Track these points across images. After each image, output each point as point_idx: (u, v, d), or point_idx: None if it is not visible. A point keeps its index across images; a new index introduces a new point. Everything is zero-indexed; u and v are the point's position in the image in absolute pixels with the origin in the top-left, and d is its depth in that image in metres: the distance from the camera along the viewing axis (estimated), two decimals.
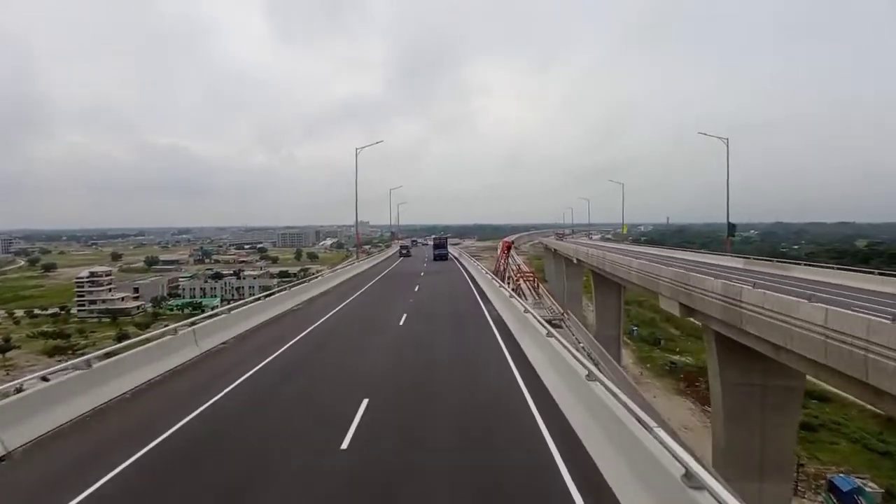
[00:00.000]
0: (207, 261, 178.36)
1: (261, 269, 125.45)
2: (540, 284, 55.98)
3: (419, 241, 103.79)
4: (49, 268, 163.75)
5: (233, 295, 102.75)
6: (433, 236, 71.71)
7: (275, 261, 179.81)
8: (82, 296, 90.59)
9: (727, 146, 33.33)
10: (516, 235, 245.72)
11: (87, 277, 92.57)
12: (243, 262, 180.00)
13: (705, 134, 34.06)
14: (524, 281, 57.16)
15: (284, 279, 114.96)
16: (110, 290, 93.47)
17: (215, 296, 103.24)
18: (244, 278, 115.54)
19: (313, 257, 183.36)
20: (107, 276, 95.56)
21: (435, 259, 51.23)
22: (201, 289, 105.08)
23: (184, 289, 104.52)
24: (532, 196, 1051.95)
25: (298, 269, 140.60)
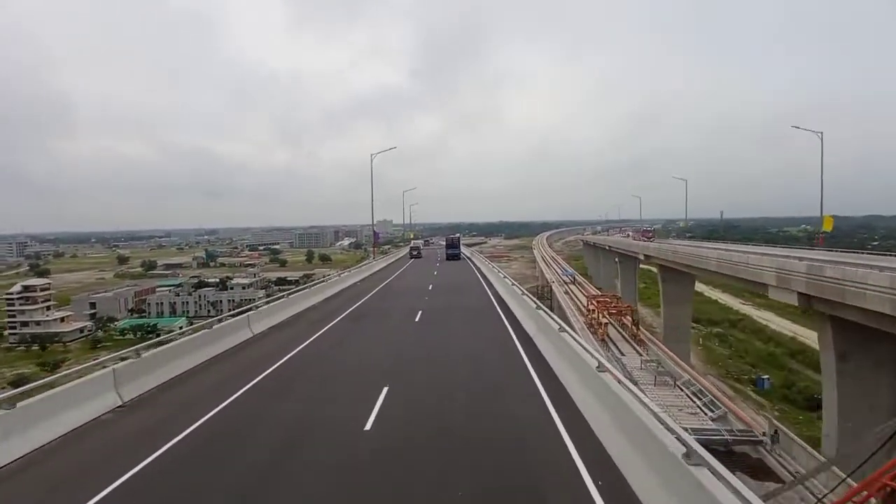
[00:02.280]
0: (212, 264, 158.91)
1: (254, 276, 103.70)
2: (639, 327, 30.52)
3: (432, 241, 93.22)
4: (43, 274, 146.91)
5: (208, 311, 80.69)
6: (447, 236, 62.55)
7: (283, 264, 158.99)
8: (13, 315, 70.48)
9: None
10: (548, 233, 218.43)
11: (19, 293, 72.23)
12: (249, 265, 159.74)
13: None
14: (604, 313, 31.78)
15: (283, 287, 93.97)
16: (48, 308, 72.96)
17: (186, 312, 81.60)
18: (231, 288, 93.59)
19: (325, 259, 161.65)
20: (43, 290, 74.94)
21: (448, 258, 47.36)
22: (171, 303, 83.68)
23: (150, 304, 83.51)
24: (560, 192, 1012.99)
25: (302, 274, 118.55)
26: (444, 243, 63.22)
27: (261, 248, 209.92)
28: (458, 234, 60.09)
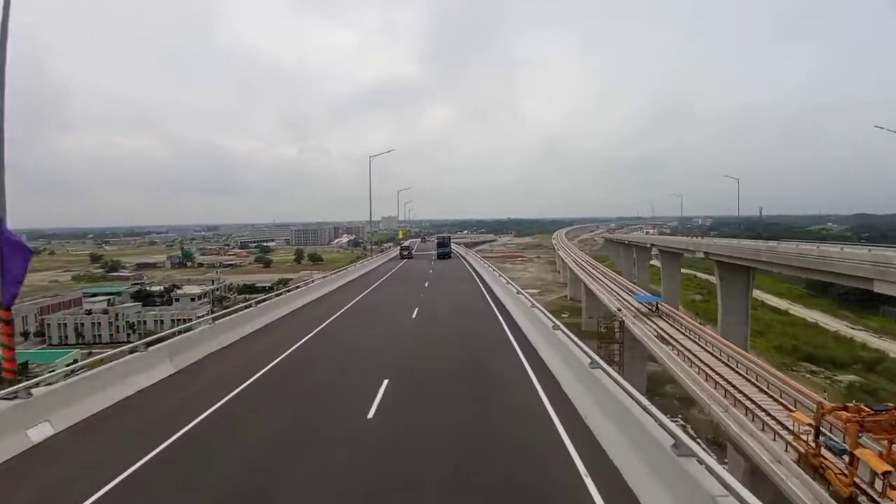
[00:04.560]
0: (189, 264, 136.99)
1: (212, 282, 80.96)
2: None
3: (428, 239, 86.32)
4: None
5: (127, 335, 57.98)
6: (438, 236, 57.24)
7: (267, 265, 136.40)
8: None
9: None
10: (565, 230, 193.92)
11: None
12: (231, 265, 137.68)
13: None
14: None
15: (251, 295, 72.26)
16: None
17: (97, 337, 59.00)
18: (177, 300, 70.84)
19: (316, 259, 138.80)
20: None
21: (438, 257, 44.86)
22: (79, 325, 60.99)
23: (49, 325, 60.90)
24: (569, 188, 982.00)
25: (278, 279, 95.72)
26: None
27: (252, 245, 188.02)
28: (448, 235, 61.72)
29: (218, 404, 8.48)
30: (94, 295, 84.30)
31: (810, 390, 19.61)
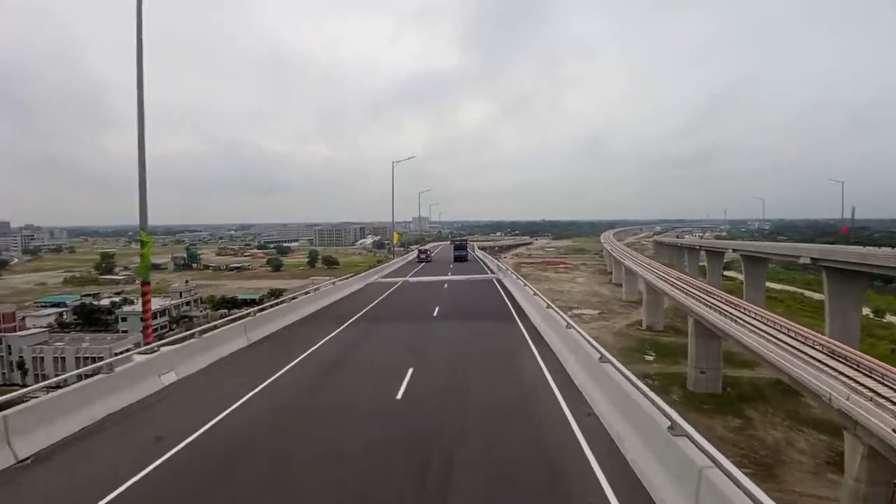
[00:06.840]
0: (195, 266, 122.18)
1: (181, 295, 63.13)
2: None
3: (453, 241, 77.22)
4: None
5: (22, 376, 40.15)
6: (454, 240, 58.45)
7: (277, 269, 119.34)
8: None
9: None
10: (614, 231, 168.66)
11: None
12: (237, 268, 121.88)
13: None
14: None
15: (231, 310, 56.10)
16: None
17: None
18: (125, 319, 53.29)
19: (331, 263, 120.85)
20: None
21: (455, 260, 45.67)
22: None
23: None
24: (608, 189, 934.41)
25: (270, 289, 77.46)
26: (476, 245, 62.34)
27: (271, 246, 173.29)
28: (466, 238, 67.00)
29: None
30: (56, 304, 68.69)
31: None
